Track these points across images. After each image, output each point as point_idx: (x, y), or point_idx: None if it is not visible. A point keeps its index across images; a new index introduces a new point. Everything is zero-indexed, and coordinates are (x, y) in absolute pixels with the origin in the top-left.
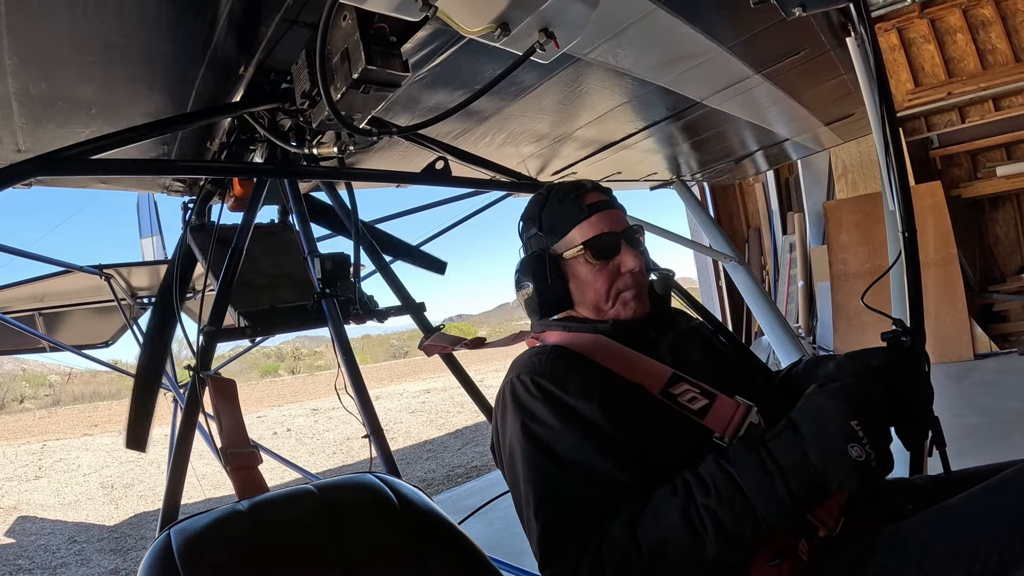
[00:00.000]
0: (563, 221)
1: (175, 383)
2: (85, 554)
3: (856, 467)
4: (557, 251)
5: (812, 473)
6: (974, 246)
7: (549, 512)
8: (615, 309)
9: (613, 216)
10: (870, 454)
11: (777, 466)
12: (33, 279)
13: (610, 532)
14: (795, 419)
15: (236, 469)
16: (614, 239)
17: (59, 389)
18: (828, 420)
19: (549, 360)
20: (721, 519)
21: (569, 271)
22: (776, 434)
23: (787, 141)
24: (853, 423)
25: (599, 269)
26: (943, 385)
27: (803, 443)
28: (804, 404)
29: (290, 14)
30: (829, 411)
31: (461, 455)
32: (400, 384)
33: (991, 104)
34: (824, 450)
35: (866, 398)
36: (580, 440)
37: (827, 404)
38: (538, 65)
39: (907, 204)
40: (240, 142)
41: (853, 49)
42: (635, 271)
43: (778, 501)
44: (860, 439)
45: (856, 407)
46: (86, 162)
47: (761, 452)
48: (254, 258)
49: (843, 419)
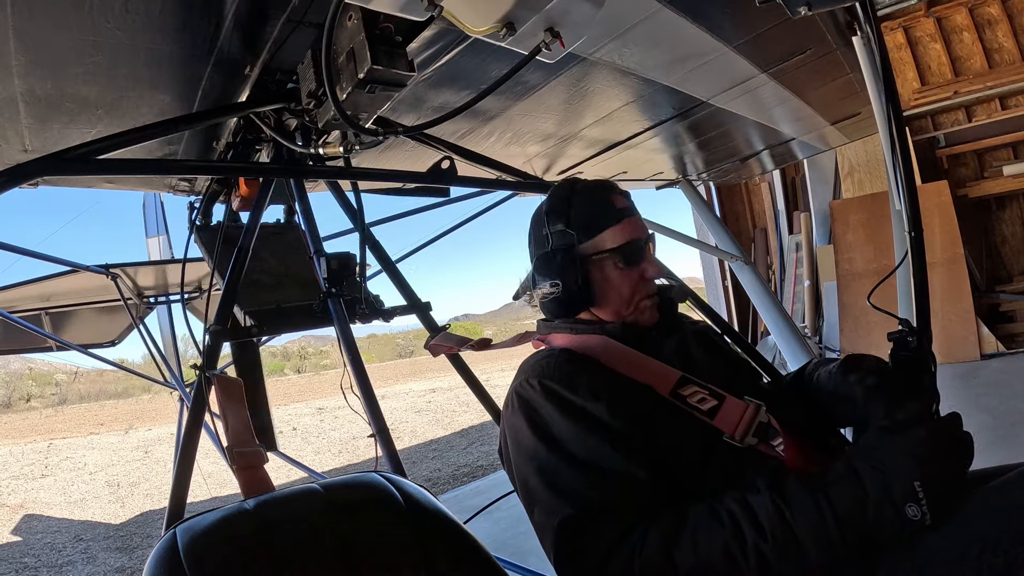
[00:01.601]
0: (595, 221)
1: (181, 382)
2: (91, 552)
3: (909, 526)
4: (586, 251)
5: (865, 527)
6: (981, 246)
7: (565, 512)
8: (634, 315)
9: (639, 223)
10: (926, 514)
11: (834, 514)
12: (40, 278)
13: (643, 542)
14: (858, 469)
15: (242, 468)
16: (642, 246)
17: (65, 388)
18: (893, 478)
19: (557, 363)
20: (768, 559)
21: (595, 272)
22: (835, 480)
23: (793, 140)
24: (916, 483)
25: (626, 275)
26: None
27: (863, 496)
28: (869, 451)
29: (296, 14)
30: (898, 469)
31: (467, 454)
32: (406, 383)
33: (998, 103)
34: (881, 506)
35: (934, 454)
36: (593, 439)
37: (894, 461)
38: (544, 64)
39: (913, 203)
40: (246, 142)
41: (859, 48)
42: (656, 278)
43: (829, 547)
44: (919, 500)
45: (924, 468)
46: (92, 162)
47: (819, 498)
48: (260, 258)
49: (909, 480)
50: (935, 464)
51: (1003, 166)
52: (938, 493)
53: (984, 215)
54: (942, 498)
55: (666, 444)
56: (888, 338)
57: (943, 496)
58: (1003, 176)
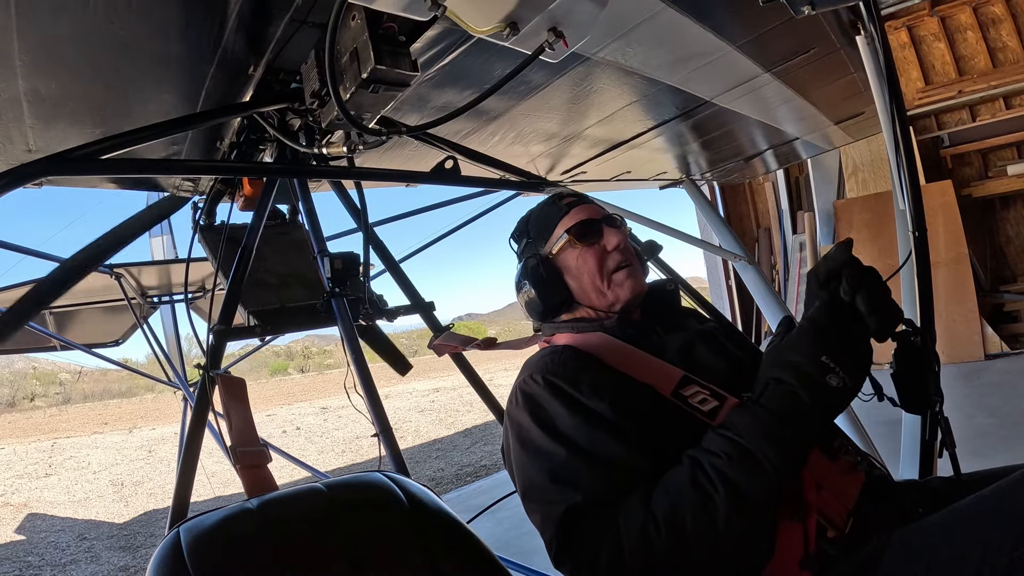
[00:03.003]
0: (548, 221)
1: (185, 382)
2: (95, 551)
3: (841, 394)
4: (547, 251)
5: (806, 409)
6: (985, 245)
7: (570, 501)
8: (613, 291)
9: (590, 208)
10: (844, 379)
11: (772, 414)
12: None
13: (627, 511)
14: (773, 373)
15: (245, 467)
16: (595, 224)
17: (69, 387)
18: (801, 363)
19: (562, 360)
20: (728, 476)
21: (562, 265)
22: (761, 390)
23: (797, 140)
24: (823, 358)
25: (586, 252)
26: (953, 386)
27: (788, 388)
28: (777, 354)
29: (299, 14)
30: (803, 353)
31: (470, 454)
32: (409, 383)
33: (1002, 103)
34: (807, 388)
35: (825, 328)
36: (598, 432)
37: (796, 349)
38: (547, 64)
39: (917, 203)
40: (250, 142)
41: (863, 47)
42: (620, 247)
43: (785, 445)
44: (835, 370)
45: (821, 343)
46: (96, 162)
47: (754, 408)
48: (264, 257)
49: (814, 357)
50: (829, 335)
51: (1007, 166)
52: (845, 360)
53: (988, 215)
54: (851, 362)
55: (666, 444)
56: (892, 338)
57: (851, 360)
58: (1007, 176)
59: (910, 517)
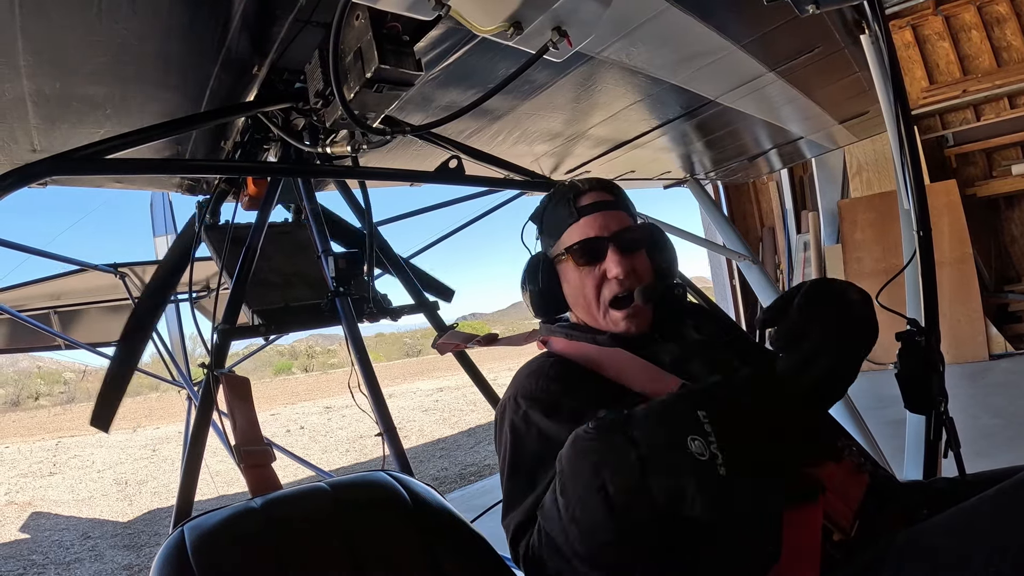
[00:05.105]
0: (560, 222)
1: (189, 381)
2: (99, 550)
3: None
4: (552, 254)
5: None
6: (989, 245)
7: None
8: (607, 320)
9: (604, 218)
10: (716, 454)
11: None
12: (48, 277)
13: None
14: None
15: (249, 467)
16: (599, 244)
17: (74, 386)
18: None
19: (546, 379)
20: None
21: (562, 274)
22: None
23: (801, 139)
24: (700, 413)
25: (585, 274)
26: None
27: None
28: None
29: (303, 14)
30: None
31: (474, 453)
32: (413, 382)
33: (1007, 102)
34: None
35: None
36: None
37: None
38: (551, 64)
39: (922, 203)
40: (254, 141)
41: (867, 46)
42: (620, 278)
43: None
44: (705, 433)
45: (704, 397)
46: (100, 162)
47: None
48: (268, 257)
49: (687, 410)
50: (720, 399)
51: (1012, 165)
52: (732, 431)
53: (993, 214)
54: (731, 434)
55: None
56: (896, 338)
57: (731, 432)
58: (1012, 175)
59: (915, 518)
